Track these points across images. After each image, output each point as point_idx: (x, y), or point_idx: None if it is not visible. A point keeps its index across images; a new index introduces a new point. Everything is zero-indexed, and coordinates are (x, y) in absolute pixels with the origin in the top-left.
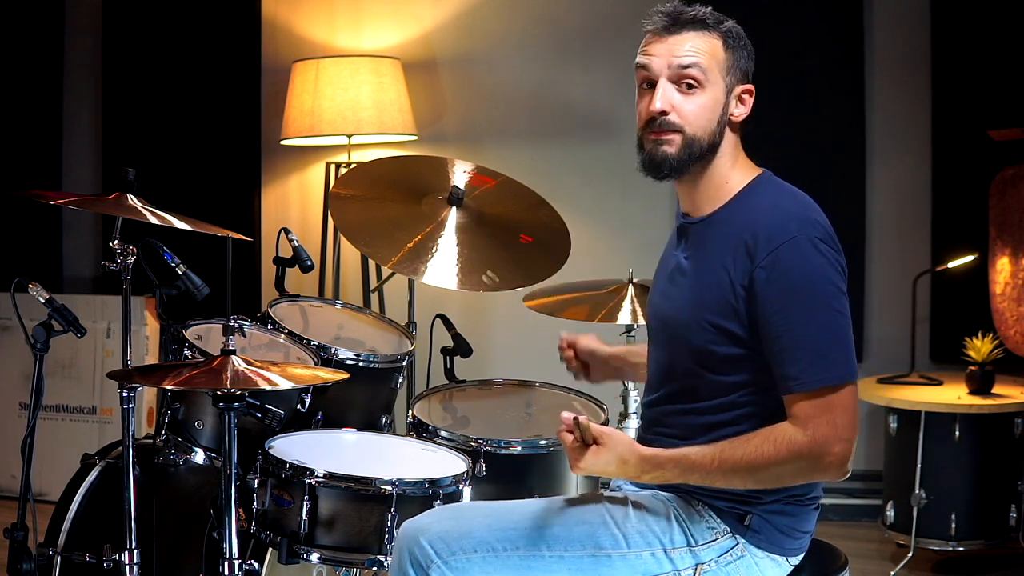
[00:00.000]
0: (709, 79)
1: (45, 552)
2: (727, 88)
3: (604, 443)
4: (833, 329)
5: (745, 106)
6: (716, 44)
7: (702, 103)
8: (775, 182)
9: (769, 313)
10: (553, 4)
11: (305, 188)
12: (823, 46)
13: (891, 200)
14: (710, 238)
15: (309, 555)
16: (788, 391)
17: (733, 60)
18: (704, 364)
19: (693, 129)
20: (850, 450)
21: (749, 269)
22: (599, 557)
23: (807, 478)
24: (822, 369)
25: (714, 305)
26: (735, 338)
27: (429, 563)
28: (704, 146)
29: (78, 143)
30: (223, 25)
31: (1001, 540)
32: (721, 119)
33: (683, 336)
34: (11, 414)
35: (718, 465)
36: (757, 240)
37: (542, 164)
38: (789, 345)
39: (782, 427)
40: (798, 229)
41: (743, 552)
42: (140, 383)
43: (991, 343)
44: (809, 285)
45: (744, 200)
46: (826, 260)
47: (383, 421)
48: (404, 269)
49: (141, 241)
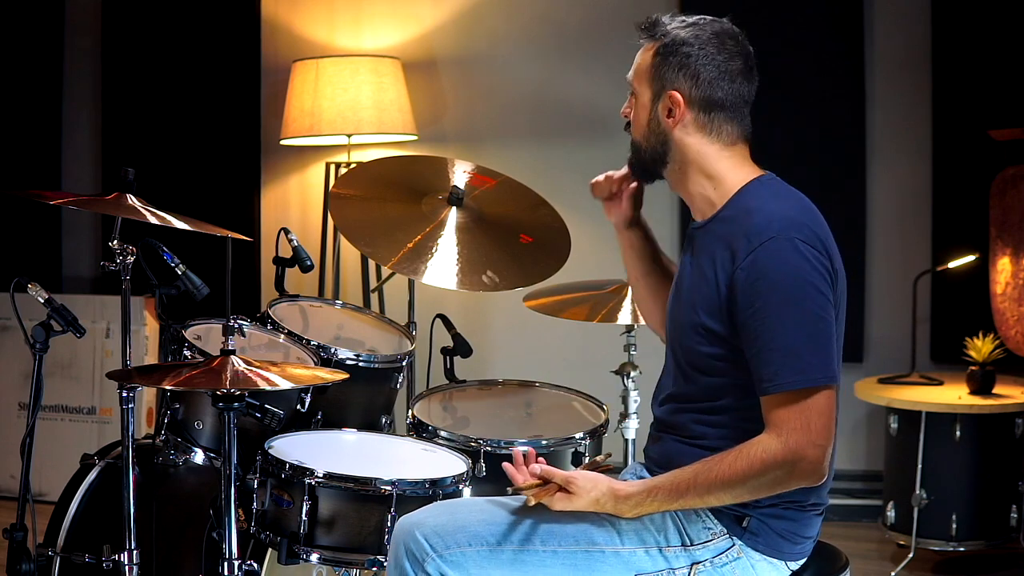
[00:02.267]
0: (637, 88)
1: (44, 552)
2: (653, 95)
3: (572, 490)
4: (809, 330)
5: (675, 112)
6: (648, 52)
7: (637, 111)
8: (773, 185)
9: (747, 314)
10: (553, 4)
11: (305, 188)
12: (823, 46)
13: (891, 200)
14: (706, 242)
15: (309, 555)
16: (764, 392)
17: (659, 66)
18: (695, 365)
19: (636, 135)
20: (823, 456)
21: (731, 270)
22: (592, 552)
23: (784, 487)
24: (796, 371)
25: (703, 307)
26: (720, 339)
27: (424, 557)
28: (646, 152)
29: (78, 143)
30: (223, 25)
31: (1002, 540)
32: (652, 125)
33: (680, 338)
34: (10, 414)
35: (695, 488)
36: (740, 241)
37: (542, 164)
38: (765, 346)
39: (755, 440)
40: (779, 229)
41: (739, 554)
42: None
43: (992, 343)
44: (786, 285)
45: (737, 203)
46: (806, 261)
47: (383, 421)
48: (404, 269)
49: (141, 241)
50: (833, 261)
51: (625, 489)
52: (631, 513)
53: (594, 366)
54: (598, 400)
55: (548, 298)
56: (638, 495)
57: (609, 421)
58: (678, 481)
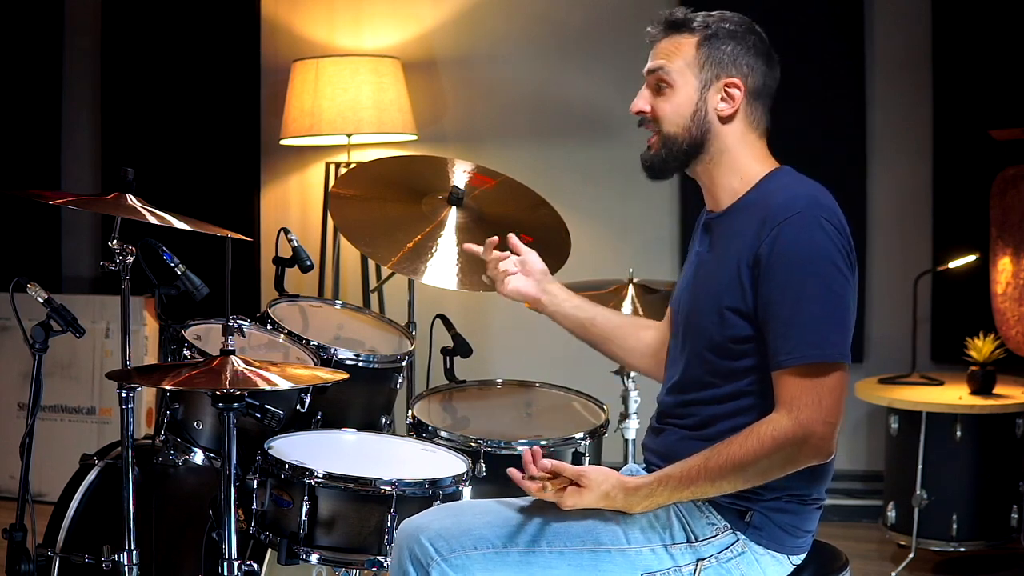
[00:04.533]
0: (677, 79)
1: (44, 552)
2: (701, 85)
3: (584, 484)
4: (830, 307)
5: (731, 100)
6: (688, 43)
7: (676, 102)
8: (794, 173)
9: (769, 289)
10: (553, 4)
11: (305, 188)
12: (823, 46)
13: (892, 200)
14: (728, 228)
15: (309, 556)
16: (778, 366)
17: (707, 56)
18: (715, 349)
19: (668, 127)
20: (832, 433)
21: (755, 247)
22: (599, 552)
23: (793, 465)
24: (813, 345)
25: (726, 289)
26: (744, 320)
27: (429, 561)
28: (683, 143)
29: (77, 143)
30: (223, 25)
31: (1002, 541)
32: (698, 115)
33: (698, 323)
34: (10, 414)
35: (705, 474)
36: (764, 220)
37: (542, 164)
38: (784, 320)
39: (766, 420)
40: (804, 207)
41: (744, 548)
42: (139, 383)
43: (992, 343)
44: (808, 261)
45: (760, 189)
46: (829, 239)
47: (383, 421)
48: (404, 269)
49: (140, 241)
50: (852, 247)
51: (634, 481)
52: (641, 506)
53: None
54: (598, 400)
55: None
56: (648, 486)
57: (609, 421)
58: (688, 468)
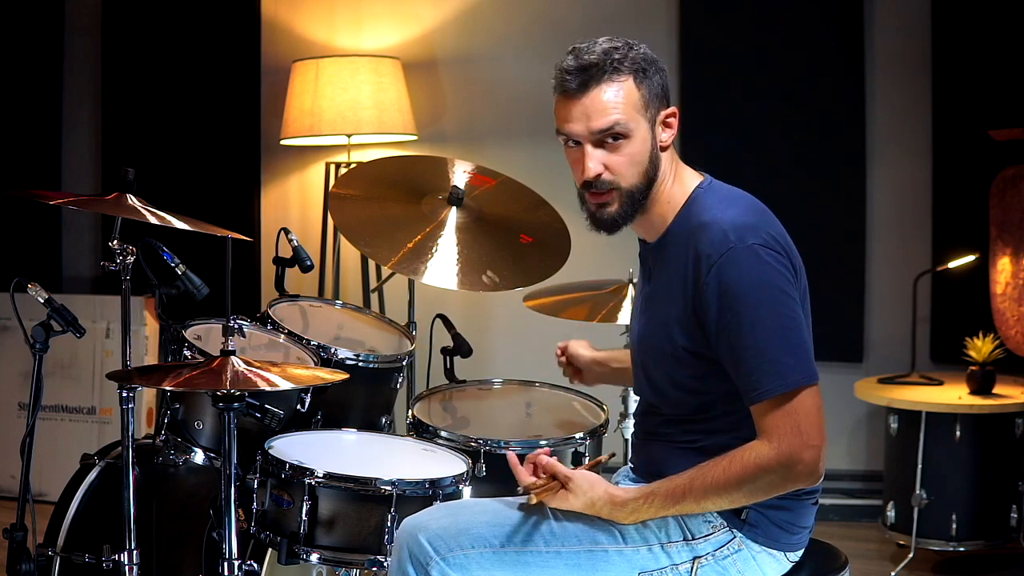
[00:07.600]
0: (631, 127)
1: (44, 552)
2: (650, 123)
3: (571, 488)
4: (781, 334)
5: (672, 128)
6: (628, 86)
7: (631, 152)
8: (714, 190)
9: (719, 327)
10: (553, 4)
11: (305, 188)
12: (823, 46)
13: (891, 200)
14: (664, 259)
15: (309, 555)
16: (751, 403)
17: (647, 92)
18: (674, 382)
19: (628, 181)
20: (818, 456)
21: (697, 288)
22: (596, 552)
23: (781, 489)
24: (776, 376)
25: (676, 324)
26: (700, 358)
27: (428, 560)
28: (643, 189)
29: (78, 143)
30: (223, 25)
31: (1002, 540)
32: (653, 154)
33: (654, 357)
34: (10, 414)
35: (691, 494)
36: (699, 258)
37: (542, 164)
38: (741, 357)
39: (749, 446)
40: (735, 239)
41: (740, 546)
42: (140, 383)
43: (992, 343)
44: (751, 294)
45: (687, 215)
46: (767, 265)
47: (383, 421)
48: (404, 269)
49: (141, 241)
50: (791, 257)
51: (622, 495)
52: (627, 520)
53: None
54: (598, 400)
55: (548, 298)
56: (634, 501)
57: (609, 421)
58: (674, 487)
